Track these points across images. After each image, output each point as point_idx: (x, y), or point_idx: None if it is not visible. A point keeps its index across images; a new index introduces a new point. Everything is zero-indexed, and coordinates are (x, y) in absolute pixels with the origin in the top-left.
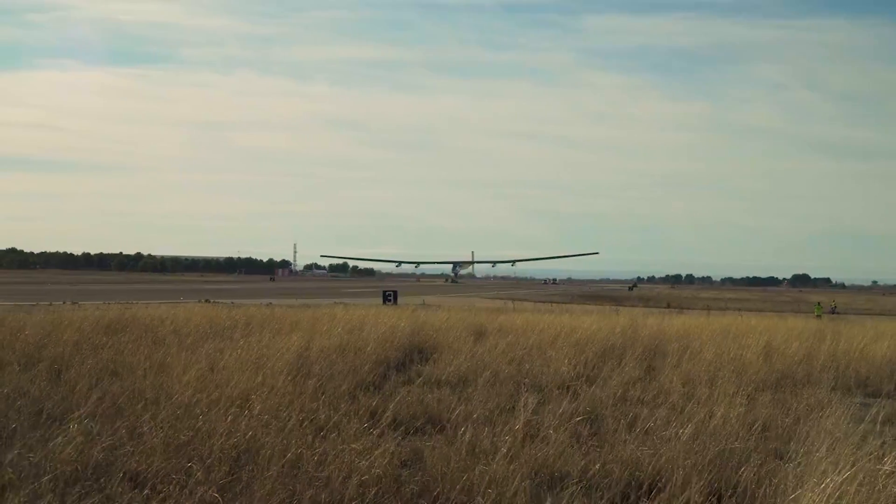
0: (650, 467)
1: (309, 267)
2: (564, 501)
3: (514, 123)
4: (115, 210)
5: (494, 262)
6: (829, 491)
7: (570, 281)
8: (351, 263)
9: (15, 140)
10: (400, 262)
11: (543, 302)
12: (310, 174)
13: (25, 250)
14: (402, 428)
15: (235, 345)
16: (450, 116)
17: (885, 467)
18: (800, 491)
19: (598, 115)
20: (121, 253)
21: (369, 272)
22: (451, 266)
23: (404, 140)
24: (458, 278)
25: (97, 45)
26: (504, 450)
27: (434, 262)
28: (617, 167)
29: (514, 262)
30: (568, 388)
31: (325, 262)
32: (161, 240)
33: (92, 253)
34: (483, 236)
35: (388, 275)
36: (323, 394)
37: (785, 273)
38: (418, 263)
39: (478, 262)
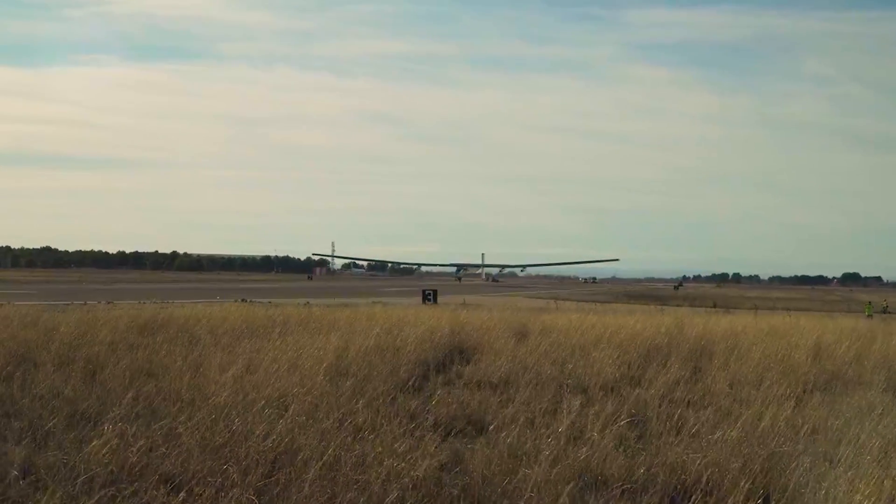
0: (696, 471)
1: (347, 266)
2: None
3: (555, 118)
4: (150, 208)
5: (503, 267)
6: (881, 495)
7: (613, 280)
8: (342, 262)
9: (50, 137)
10: (400, 264)
11: (587, 301)
12: (348, 170)
13: (60, 249)
14: (443, 430)
15: (272, 345)
16: (490, 111)
17: None
18: (851, 495)
19: (642, 110)
20: (156, 251)
21: (408, 270)
22: (454, 269)
23: (444, 135)
24: (490, 281)
25: (133, 40)
26: (547, 453)
27: (437, 265)
28: (661, 162)
29: (523, 267)
30: (612, 389)
31: (330, 260)
32: (197, 238)
33: (127, 251)
34: (522, 233)
35: (428, 273)
36: (362, 395)
37: (835, 271)
38: (419, 265)
39: (486, 266)
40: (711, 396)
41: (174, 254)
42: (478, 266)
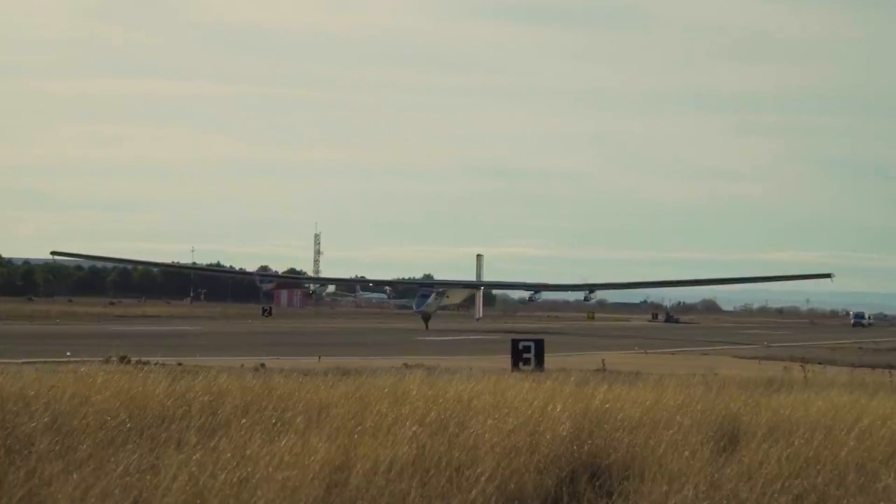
0: None
1: (350, 287)
2: None
3: None
4: None
5: (536, 290)
6: None
7: None
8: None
9: None
10: (463, 283)
11: (869, 367)
12: (350, 82)
13: None
14: None
15: (187, 458)
16: None
17: None
18: None
19: None
20: None
21: (485, 300)
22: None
23: (571, 10)
24: (663, 321)
25: None
26: None
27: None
28: None
29: (592, 288)
30: None
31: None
32: (27, 225)
33: None
34: (747, 221)
35: (522, 302)
36: None
37: None
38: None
39: (495, 286)
40: None
41: None
42: (465, 285)
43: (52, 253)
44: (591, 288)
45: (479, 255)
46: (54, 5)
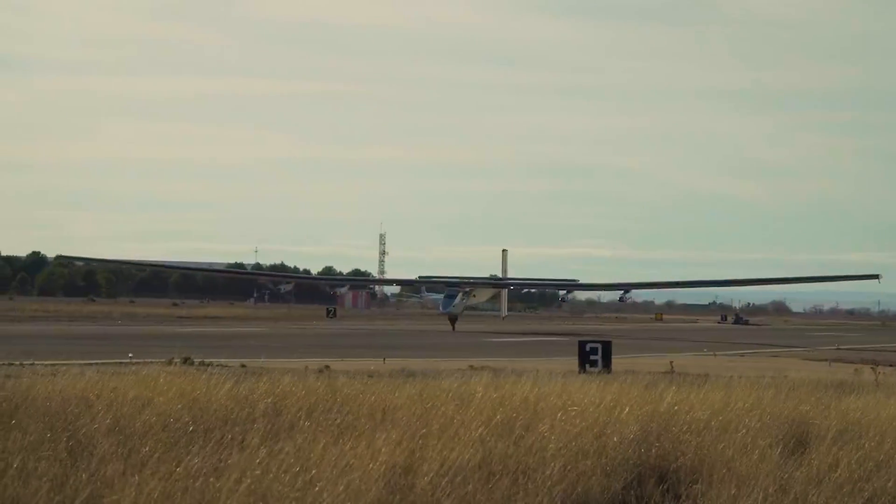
0: None
1: (415, 288)
2: None
3: None
4: None
5: (568, 289)
6: None
7: None
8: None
9: None
10: (539, 284)
11: None
12: (414, 80)
13: None
14: None
15: (250, 460)
16: None
17: None
18: None
19: None
20: None
21: (551, 299)
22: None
23: (625, 1)
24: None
25: None
26: None
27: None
28: None
29: (627, 288)
30: None
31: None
32: (85, 226)
33: None
34: (817, 221)
35: (591, 303)
36: None
37: None
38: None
39: (521, 284)
40: None
41: (38, 258)
42: (495, 283)
43: (58, 257)
44: (626, 287)
45: (504, 251)
46: (116, 4)
